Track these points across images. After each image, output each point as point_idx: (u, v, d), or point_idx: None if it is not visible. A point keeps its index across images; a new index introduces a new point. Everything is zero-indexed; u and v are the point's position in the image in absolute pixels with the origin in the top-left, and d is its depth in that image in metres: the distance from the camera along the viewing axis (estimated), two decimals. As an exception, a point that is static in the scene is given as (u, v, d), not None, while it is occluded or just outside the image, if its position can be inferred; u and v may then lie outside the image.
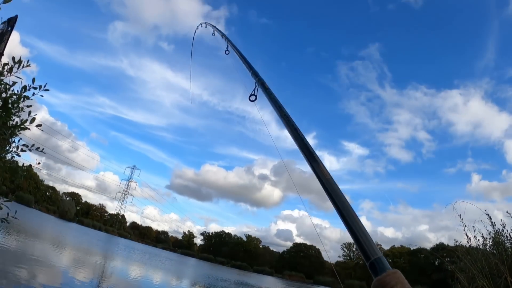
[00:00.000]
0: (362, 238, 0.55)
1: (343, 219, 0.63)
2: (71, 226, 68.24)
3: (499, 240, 6.10)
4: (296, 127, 1.01)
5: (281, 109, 1.06)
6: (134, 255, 38.59)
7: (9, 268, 9.78)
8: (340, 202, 0.69)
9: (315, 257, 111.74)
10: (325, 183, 0.81)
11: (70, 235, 37.27)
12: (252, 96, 1.38)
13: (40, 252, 15.72)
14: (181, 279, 26.79)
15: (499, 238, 6.11)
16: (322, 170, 0.86)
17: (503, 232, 6.16)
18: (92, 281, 12.53)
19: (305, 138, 1.03)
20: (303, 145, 0.97)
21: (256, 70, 1.52)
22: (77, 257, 19.25)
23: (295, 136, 0.99)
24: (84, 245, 30.15)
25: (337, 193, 0.75)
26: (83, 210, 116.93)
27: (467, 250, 6.19)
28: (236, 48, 1.89)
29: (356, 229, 0.58)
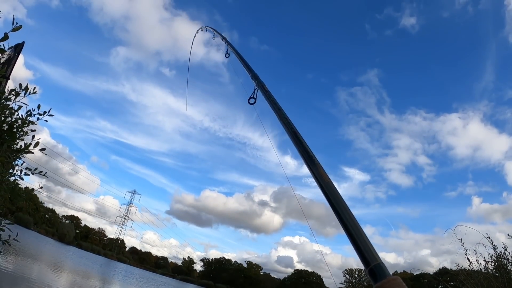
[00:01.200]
0: (361, 243, 0.54)
1: (342, 224, 0.62)
2: (70, 249, 67.59)
3: (501, 263, 6.02)
4: (296, 130, 1.00)
5: (281, 112, 1.04)
6: (133, 280, 38.11)
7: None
8: (339, 206, 0.67)
9: (317, 284, 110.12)
10: (324, 186, 0.79)
11: (69, 258, 36.89)
12: (251, 99, 1.37)
13: (38, 274, 15.54)
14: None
15: (501, 261, 6.04)
16: (321, 174, 0.84)
17: (505, 254, 6.10)
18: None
19: (304, 141, 1.02)
20: (302, 148, 0.96)
21: (256, 73, 1.50)
22: (75, 280, 19.01)
23: (294, 140, 0.98)
24: (82, 268, 29.80)
25: (336, 197, 0.74)
26: (82, 234, 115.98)
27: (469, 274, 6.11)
28: (236, 50, 1.89)
29: (355, 234, 0.57)
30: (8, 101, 4.40)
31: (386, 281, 0.39)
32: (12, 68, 4.94)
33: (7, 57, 4.91)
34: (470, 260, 6.19)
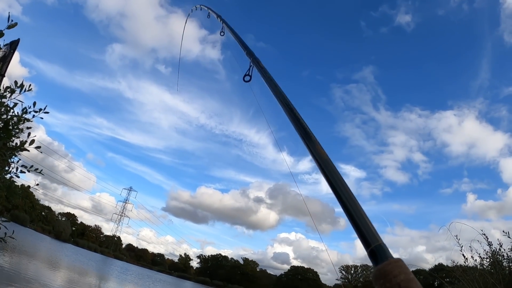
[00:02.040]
0: (361, 223, 0.51)
1: (341, 202, 0.59)
2: (66, 246, 67.46)
3: (496, 259, 6.06)
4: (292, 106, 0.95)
5: (277, 88, 0.98)
6: (129, 277, 38.10)
7: (1, 287, 9.64)
8: (338, 185, 0.64)
9: (313, 280, 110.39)
10: (322, 164, 0.75)
11: (65, 256, 36.83)
12: (247, 76, 1.34)
13: (34, 272, 15.51)
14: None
15: (496, 257, 6.07)
16: (319, 151, 0.80)
17: (500, 251, 6.13)
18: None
19: (301, 117, 0.99)
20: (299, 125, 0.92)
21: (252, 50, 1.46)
22: (71, 278, 18.99)
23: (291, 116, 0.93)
24: (79, 266, 29.77)
25: (335, 174, 0.70)
26: (78, 231, 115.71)
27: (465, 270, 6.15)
28: (231, 28, 1.86)
29: (355, 213, 0.54)
30: (3, 98, 4.39)
31: (387, 262, 0.37)
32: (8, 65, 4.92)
33: (3, 54, 4.90)
34: (466, 256, 6.22)
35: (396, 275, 0.36)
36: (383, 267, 0.38)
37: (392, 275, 0.36)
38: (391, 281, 0.35)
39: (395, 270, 0.36)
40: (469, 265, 6.25)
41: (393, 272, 0.36)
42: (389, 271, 0.36)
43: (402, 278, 0.35)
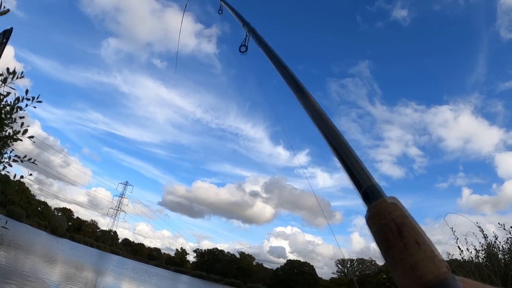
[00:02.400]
0: (352, 165, 0.50)
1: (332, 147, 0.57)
2: (63, 241, 67.38)
3: (491, 251, 6.09)
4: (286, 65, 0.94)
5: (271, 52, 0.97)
6: (126, 271, 38.13)
7: None
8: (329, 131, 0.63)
9: (309, 274, 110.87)
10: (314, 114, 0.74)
11: (61, 251, 36.80)
12: (243, 47, 1.34)
13: (31, 267, 15.50)
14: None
15: (491, 250, 6.10)
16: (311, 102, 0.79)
17: (496, 244, 6.16)
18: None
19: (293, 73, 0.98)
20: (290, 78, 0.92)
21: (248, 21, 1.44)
22: (68, 273, 18.99)
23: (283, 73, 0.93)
24: (75, 261, 29.76)
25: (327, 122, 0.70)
26: (74, 226, 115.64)
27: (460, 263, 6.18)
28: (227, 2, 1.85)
29: (346, 156, 0.52)
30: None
31: (382, 200, 0.37)
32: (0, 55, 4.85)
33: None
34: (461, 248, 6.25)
35: (391, 211, 0.35)
36: (377, 204, 0.37)
37: (387, 211, 0.35)
38: (386, 217, 0.34)
39: (390, 207, 0.36)
40: (464, 257, 6.29)
41: (388, 209, 0.36)
42: (384, 208, 0.36)
43: (398, 214, 0.35)
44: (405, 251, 0.30)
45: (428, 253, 0.30)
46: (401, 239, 0.31)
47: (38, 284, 11.81)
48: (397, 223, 0.33)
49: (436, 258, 0.30)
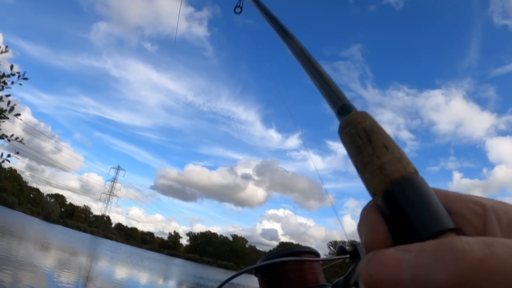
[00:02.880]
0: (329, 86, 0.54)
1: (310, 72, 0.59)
2: (56, 228, 67.36)
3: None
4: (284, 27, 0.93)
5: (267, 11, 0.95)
6: (119, 256, 38.27)
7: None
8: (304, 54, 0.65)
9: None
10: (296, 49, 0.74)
11: (55, 237, 36.79)
12: (238, 8, 1.30)
13: (25, 254, 15.47)
14: (168, 280, 26.66)
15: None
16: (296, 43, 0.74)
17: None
18: (78, 284, 12.37)
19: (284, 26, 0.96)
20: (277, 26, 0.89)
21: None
22: (61, 259, 19.00)
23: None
24: (68, 246, 29.78)
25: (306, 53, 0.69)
26: (67, 212, 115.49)
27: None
28: None
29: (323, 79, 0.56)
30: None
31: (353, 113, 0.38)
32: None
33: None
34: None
35: (361, 121, 0.36)
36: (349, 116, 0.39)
37: (357, 121, 0.36)
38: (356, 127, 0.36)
39: (360, 117, 0.37)
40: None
41: (358, 119, 0.37)
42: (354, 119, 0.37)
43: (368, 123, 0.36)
44: (373, 154, 0.32)
45: (395, 155, 0.32)
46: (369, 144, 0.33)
47: (32, 271, 11.80)
48: (367, 130, 0.35)
49: (404, 159, 0.31)
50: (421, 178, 0.30)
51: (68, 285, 11.19)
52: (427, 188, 0.28)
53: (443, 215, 0.26)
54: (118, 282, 16.79)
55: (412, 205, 0.26)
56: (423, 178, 0.30)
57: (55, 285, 10.49)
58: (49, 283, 10.60)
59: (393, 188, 0.28)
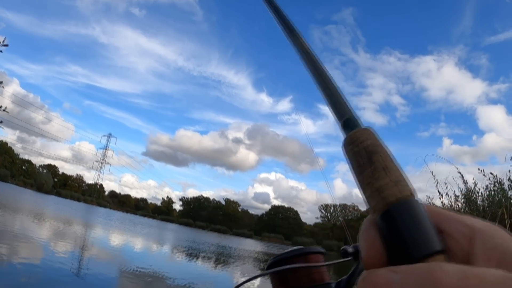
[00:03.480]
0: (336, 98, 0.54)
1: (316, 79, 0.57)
2: (49, 198, 67.60)
3: (470, 197, 6.35)
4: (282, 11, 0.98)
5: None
6: (114, 223, 38.73)
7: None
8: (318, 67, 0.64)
9: (293, 219, 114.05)
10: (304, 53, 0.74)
11: (49, 208, 37.01)
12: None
13: (19, 226, 15.63)
14: (162, 244, 27.15)
15: (470, 196, 6.36)
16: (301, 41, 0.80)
17: (475, 190, 6.41)
18: (73, 252, 12.59)
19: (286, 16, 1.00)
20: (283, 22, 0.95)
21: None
22: (57, 229, 19.23)
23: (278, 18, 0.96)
24: (63, 216, 30.03)
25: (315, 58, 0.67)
26: (60, 182, 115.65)
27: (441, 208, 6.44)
28: None
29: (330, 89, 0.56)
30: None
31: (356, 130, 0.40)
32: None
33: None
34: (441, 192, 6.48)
35: (363, 140, 0.39)
36: (352, 134, 0.41)
37: (360, 140, 0.39)
38: (358, 146, 0.38)
39: (362, 136, 0.39)
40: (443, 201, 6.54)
41: (360, 138, 0.39)
42: (357, 137, 0.39)
43: (369, 142, 0.38)
44: (373, 175, 0.34)
45: (393, 178, 0.34)
46: (369, 165, 0.36)
47: (29, 242, 11.98)
48: (368, 151, 0.37)
49: (401, 183, 0.33)
50: (415, 201, 0.32)
51: (64, 254, 11.41)
52: (420, 211, 0.31)
53: (432, 238, 0.29)
54: (113, 248, 17.11)
55: (404, 227, 0.29)
56: (418, 200, 0.33)
57: (51, 255, 10.69)
58: (45, 253, 10.79)
59: (389, 210, 0.31)
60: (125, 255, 15.59)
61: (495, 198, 6.03)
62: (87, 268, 10.29)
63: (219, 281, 13.45)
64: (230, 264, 21.45)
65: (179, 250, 24.41)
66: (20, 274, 7.17)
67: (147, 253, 18.63)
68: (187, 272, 14.02)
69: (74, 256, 11.86)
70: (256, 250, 38.46)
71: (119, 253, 15.65)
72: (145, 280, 10.48)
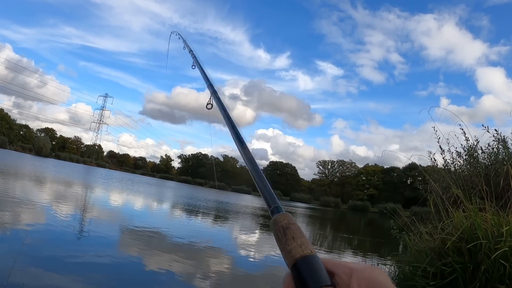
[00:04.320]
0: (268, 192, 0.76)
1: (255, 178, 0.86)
2: (48, 161, 67.78)
3: (473, 154, 6.28)
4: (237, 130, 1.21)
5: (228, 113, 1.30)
6: (113, 183, 39.01)
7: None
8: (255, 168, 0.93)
9: (291, 175, 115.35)
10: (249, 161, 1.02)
11: (48, 171, 37.16)
12: (209, 105, 1.58)
13: (21, 191, 15.68)
14: (162, 202, 27.49)
15: (473, 152, 6.29)
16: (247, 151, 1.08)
17: (477, 147, 6.33)
18: (75, 214, 12.69)
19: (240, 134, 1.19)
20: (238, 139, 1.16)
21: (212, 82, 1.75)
22: (57, 192, 19.32)
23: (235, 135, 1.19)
24: (63, 178, 30.19)
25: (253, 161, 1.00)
26: (59, 145, 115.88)
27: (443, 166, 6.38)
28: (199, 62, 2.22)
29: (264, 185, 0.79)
30: None
31: (279, 215, 0.61)
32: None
33: None
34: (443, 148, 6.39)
35: (281, 221, 0.59)
36: (276, 217, 0.61)
37: (279, 221, 0.59)
38: (277, 225, 0.59)
39: (281, 218, 0.60)
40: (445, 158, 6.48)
41: (280, 219, 0.60)
42: (278, 219, 0.60)
43: (285, 223, 0.58)
44: (286, 242, 0.55)
45: (298, 243, 0.54)
46: (284, 236, 0.56)
47: (31, 207, 12.03)
48: (283, 227, 0.58)
49: (304, 245, 0.54)
50: (314, 256, 0.52)
51: (66, 217, 11.48)
52: (316, 261, 0.51)
53: (324, 277, 0.49)
54: (114, 208, 17.27)
55: (306, 272, 0.50)
56: (315, 255, 0.53)
57: (53, 219, 10.75)
58: (47, 217, 10.85)
59: (296, 263, 0.52)
60: (125, 214, 15.75)
61: (498, 156, 5.97)
62: (88, 228, 10.39)
63: (218, 237, 13.66)
64: (229, 220, 21.76)
65: (179, 207, 24.69)
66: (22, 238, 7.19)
67: (146, 212, 18.84)
68: (186, 229, 14.21)
69: (75, 217, 11.98)
70: (254, 206, 39.01)
71: (119, 213, 15.81)
72: (145, 238, 10.62)
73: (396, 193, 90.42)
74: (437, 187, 5.70)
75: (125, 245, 9.25)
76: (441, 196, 5.18)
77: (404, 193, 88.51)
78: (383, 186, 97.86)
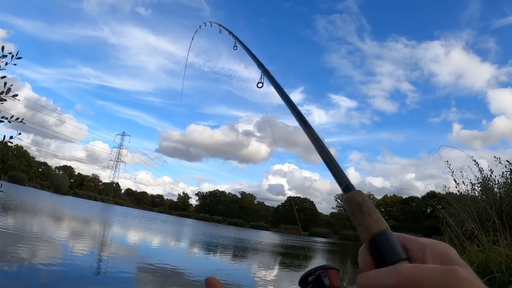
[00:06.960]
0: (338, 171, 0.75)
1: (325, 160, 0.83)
2: (66, 199, 68.47)
3: (487, 185, 6.22)
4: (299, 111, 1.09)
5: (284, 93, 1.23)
6: (131, 220, 39.07)
7: (9, 248, 9.86)
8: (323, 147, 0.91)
9: (310, 209, 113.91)
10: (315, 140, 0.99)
11: (66, 208, 37.48)
12: (260, 83, 1.59)
13: (38, 228, 15.85)
14: (180, 240, 27.32)
15: (487, 183, 6.23)
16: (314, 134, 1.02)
17: (491, 177, 6.28)
18: (93, 250, 12.73)
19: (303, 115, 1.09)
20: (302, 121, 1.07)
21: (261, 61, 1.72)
22: (75, 229, 19.45)
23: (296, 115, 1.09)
24: (81, 216, 30.40)
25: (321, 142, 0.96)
26: (77, 182, 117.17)
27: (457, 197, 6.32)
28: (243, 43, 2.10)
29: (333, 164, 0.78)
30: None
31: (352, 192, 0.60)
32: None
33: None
34: (457, 181, 6.37)
35: (356, 197, 0.59)
36: (349, 194, 0.60)
37: (354, 198, 0.59)
38: (352, 201, 0.58)
39: (355, 195, 0.59)
40: (460, 190, 6.43)
41: (354, 196, 0.59)
42: (351, 196, 0.59)
43: (360, 199, 0.58)
44: (362, 218, 0.54)
45: (375, 219, 0.53)
46: (360, 212, 0.55)
47: (49, 243, 12.14)
48: (359, 204, 0.57)
49: (380, 221, 0.53)
50: (389, 231, 0.53)
51: (83, 253, 11.53)
52: (392, 236, 0.52)
53: (399, 251, 0.50)
54: (131, 245, 17.26)
55: (383, 247, 0.50)
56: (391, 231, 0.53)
57: (70, 255, 10.80)
58: (64, 254, 10.91)
59: (373, 238, 0.52)
60: (143, 251, 15.72)
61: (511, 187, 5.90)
62: (106, 265, 10.40)
63: (236, 275, 13.49)
64: (247, 257, 21.50)
65: (196, 245, 24.53)
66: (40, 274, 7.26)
67: (164, 249, 18.75)
68: (204, 267, 14.10)
69: (93, 254, 12.01)
70: (273, 243, 38.47)
71: (137, 250, 15.79)
72: (162, 275, 10.55)
73: (416, 223, 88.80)
74: (452, 222, 5.65)
75: (141, 282, 9.22)
76: (457, 230, 5.14)
77: (423, 222, 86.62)
78: (403, 217, 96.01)
